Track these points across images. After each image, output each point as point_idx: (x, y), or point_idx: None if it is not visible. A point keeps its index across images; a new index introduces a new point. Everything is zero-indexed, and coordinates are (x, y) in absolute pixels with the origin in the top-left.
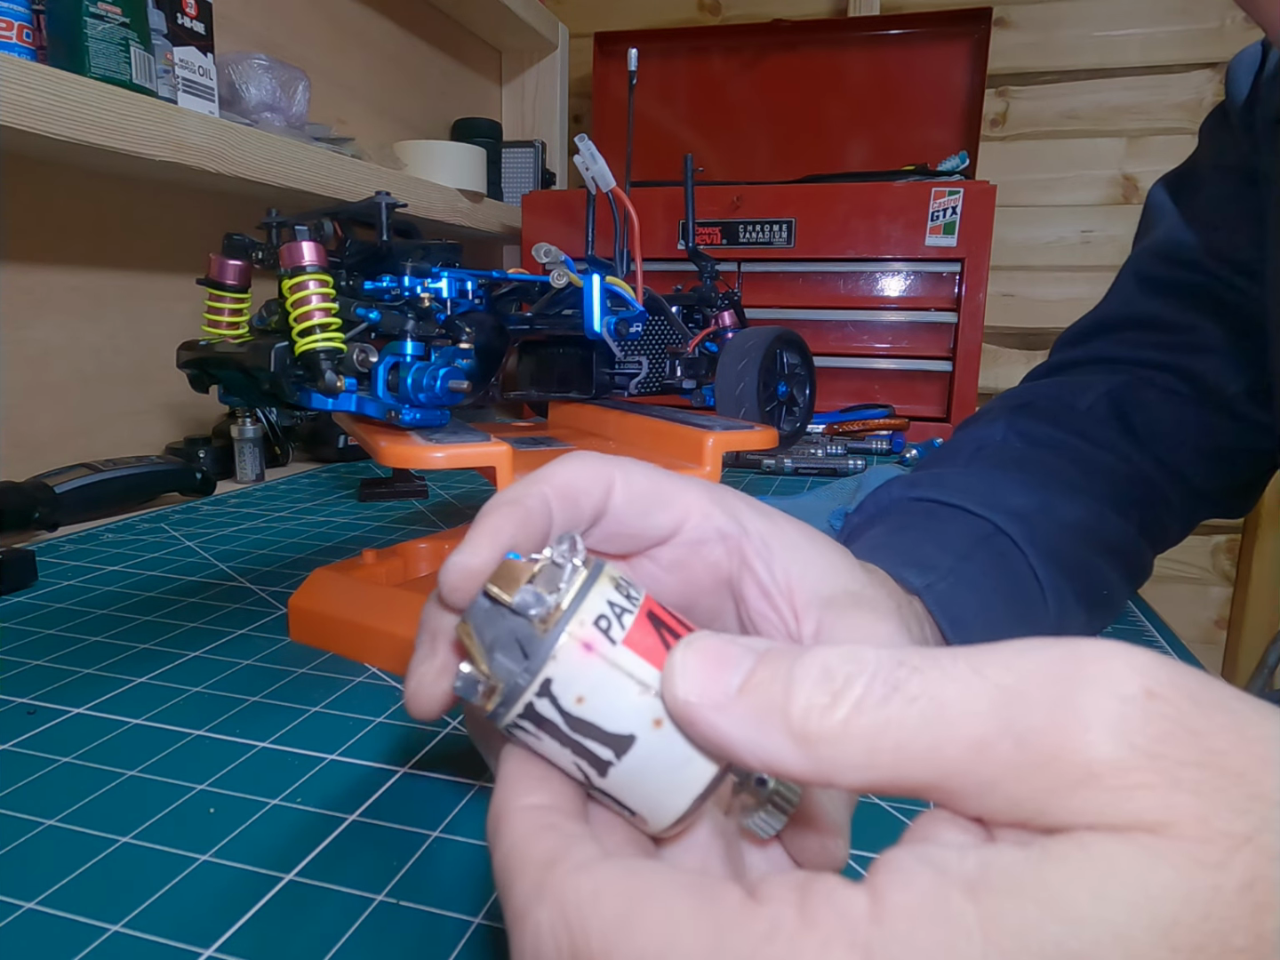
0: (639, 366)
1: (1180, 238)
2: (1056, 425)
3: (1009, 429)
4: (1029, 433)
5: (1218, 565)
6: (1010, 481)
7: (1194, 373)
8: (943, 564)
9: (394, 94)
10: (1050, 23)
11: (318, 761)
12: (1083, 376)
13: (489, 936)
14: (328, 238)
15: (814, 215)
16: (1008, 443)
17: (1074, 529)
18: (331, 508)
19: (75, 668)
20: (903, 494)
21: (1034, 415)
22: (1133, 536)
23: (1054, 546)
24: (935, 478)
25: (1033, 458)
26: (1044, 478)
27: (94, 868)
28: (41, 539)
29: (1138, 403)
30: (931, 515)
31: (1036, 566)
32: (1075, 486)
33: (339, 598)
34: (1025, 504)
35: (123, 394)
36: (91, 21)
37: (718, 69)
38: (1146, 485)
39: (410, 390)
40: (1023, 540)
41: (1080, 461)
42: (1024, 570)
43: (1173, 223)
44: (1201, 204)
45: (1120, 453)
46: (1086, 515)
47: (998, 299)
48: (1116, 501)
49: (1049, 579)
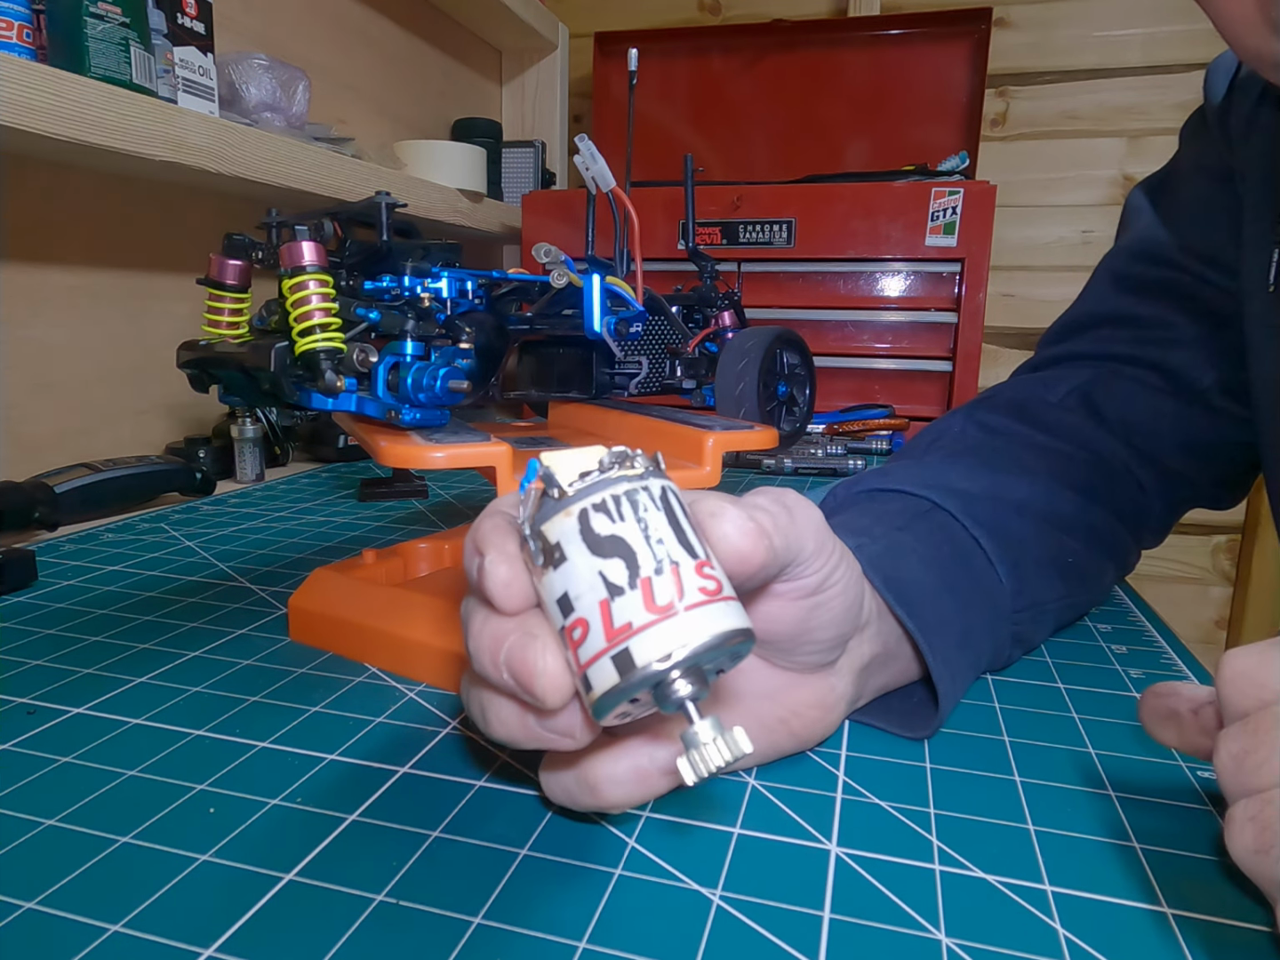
0: (639, 366)
1: (1155, 235)
2: (1017, 417)
3: (966, 420)
4: (986, 423)
5: (1218, 565)
6: (958, 466)
7: (1167, 366)
8: (875, 531)
9: (394, 94)
10: (1050, 23)
11: (318, 761)
12: (1059, 372)
13: (489, 936)
14: (328, 238)
15: (814, 215)
16: (965, 432)
17: (1021, 505)
18: (331, 508)
19: (75, 668)
20: (847, 491)
21: (993, 407)
22: (1099, 514)
23: (997, 519)
24: (880, 472)
25: (986, 444)
26: (995, 462)
27: (94, 868)
28: (41, 539)
29: (1109, 393)
30: (872, 499)
31: (977, 535)
32: (1027, 469)
33: (339, 598)
34: (969, 485)
35: (123, 394)
36: (91, 21)
37: (718, 69)
38: (1115, 470)
39: (410, 390)
40: (960, 513)
41: (1035, 448)
42: (964, 539)
43: (1148, 221)
44: (1180, 204)
45: (1085, 442)
46: (1036, 492)
47: (998, 299)
48: (1074, 483)
49: (993, 546)
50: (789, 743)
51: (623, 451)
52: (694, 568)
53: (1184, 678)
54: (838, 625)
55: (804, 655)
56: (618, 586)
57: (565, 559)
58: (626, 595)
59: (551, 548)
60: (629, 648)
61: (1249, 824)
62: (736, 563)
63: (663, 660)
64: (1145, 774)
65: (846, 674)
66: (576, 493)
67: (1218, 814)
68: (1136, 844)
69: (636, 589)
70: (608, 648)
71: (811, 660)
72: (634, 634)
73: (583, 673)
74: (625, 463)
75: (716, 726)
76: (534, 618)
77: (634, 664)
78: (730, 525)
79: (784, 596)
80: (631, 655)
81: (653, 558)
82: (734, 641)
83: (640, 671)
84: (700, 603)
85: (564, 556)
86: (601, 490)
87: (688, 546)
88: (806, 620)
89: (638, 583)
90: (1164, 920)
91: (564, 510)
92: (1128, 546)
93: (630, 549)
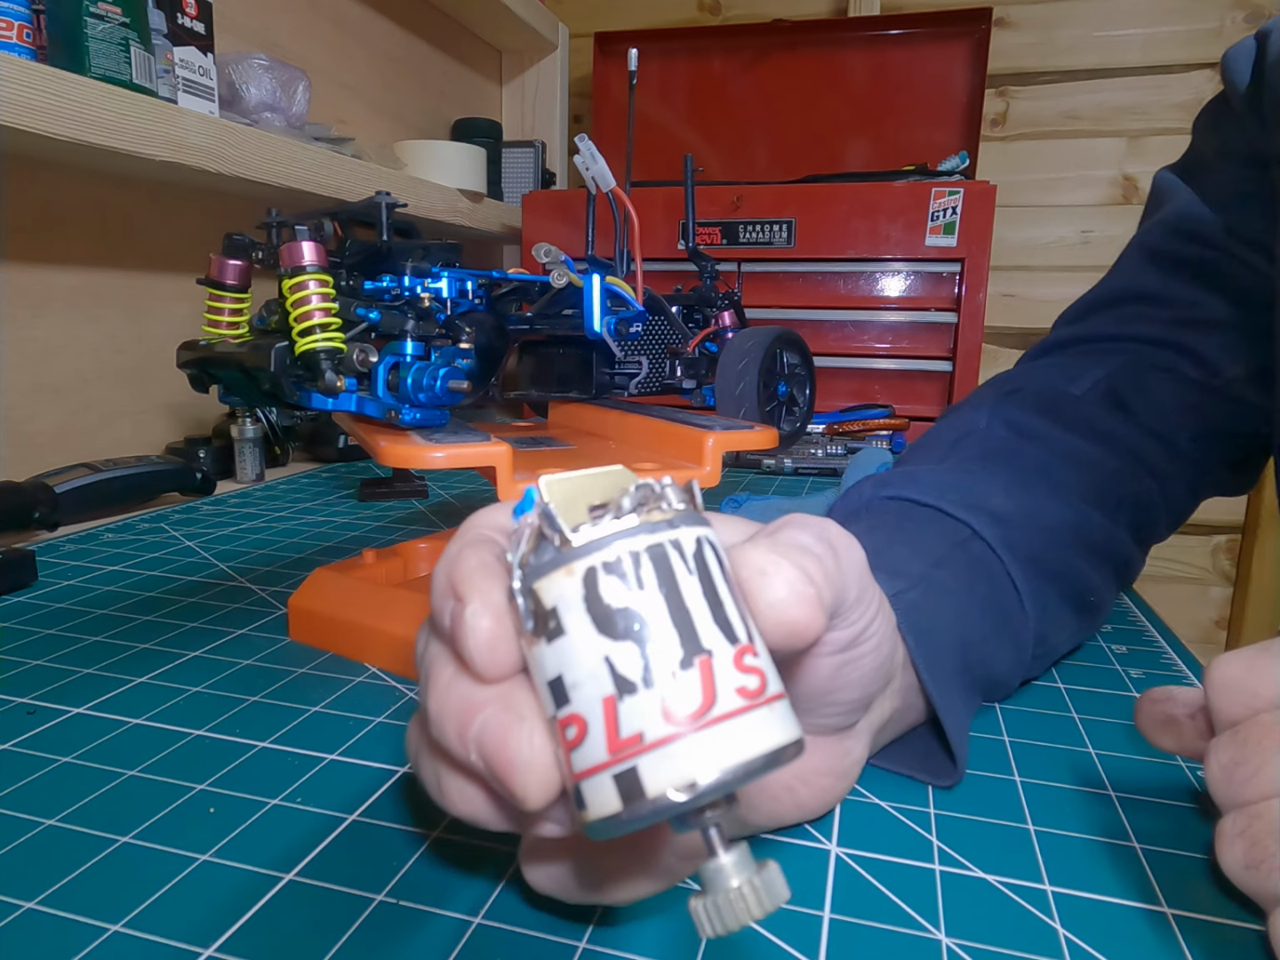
0: (639, 366)
1: (1195, 212)
2: (1045, 415)
3: (993, 416)
4: (1015, 422)
5: (1218, 565)
6: (991, 478)
7: (1196, 350)
8: (914, 570)
9: (394, 94)
10: (1050, 23)
11: (318, 761)
12: (1079, 358)
13: (489, 936)
14: (328, 238)
15: (814, 215)
16: (991, 431)
17: (1056, 532)
18: (331, 508)
19: (75, 668)
20: (874, 493)
21: (1021, 403)
22: (1121, 539)
23: (1034, 552)
24: (909, 475)
25: (1017, 451)
26: (1027, 475)
27: (94, 868)
28: (41, 539)
29: (1136, 386)
30: (906, 515)
31: (1014, 573)
32: (1060, 485)
33: (339, 598)
34: (1005, 505)
35: (123, 394)
36: (91, 21)
37: (718, 69)
38: (1139, 476)
39: (410, 390)
40: (1000, 546)
41: (1067, 457)
42: (1000, 576)
43: (1187, 198)
44: (1212, 187)
45: (1112, 443)
46: (1070, 516)
47: (998, 299)
48: (1104, 500)
49: (1027, 586)
50: (793, 814)
51: (648, 487)
52: (732, 658)
53: (1184, 678)
54: (866, 685)
55: (824, 717)
56: (629, 682)
57: (563, 632)
58: (639, 695)
59: (546, 613)
60: (637, 768)
61: (1239, 839)
62: (785, 637)
63: (682, 790)
64: (1145, 774)
65: (864, 735)
66: (584, 544)
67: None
68: (1136, 844)
69: (653, 688)
70: (609, 762)
71: (831, 723)
72: (645, 750)
73: (575, 783)
74: (651, 502)
75: (746, 863)
76: (519, 691)
77: (643, 791)
78: (784, 589)
79: (811, 650)
80: (640, 779)
81: (678, 645)
82: (778, 762)
83: (650, 803)
84: (738, 710)
85: (561, 628)
86: (617, 543)
87: (725, 626)
88: (834, 679)
89: (655, 680)
90: (1163, 920)
91: (565, 566)
92: (1135, 569)
93: (649, 630)
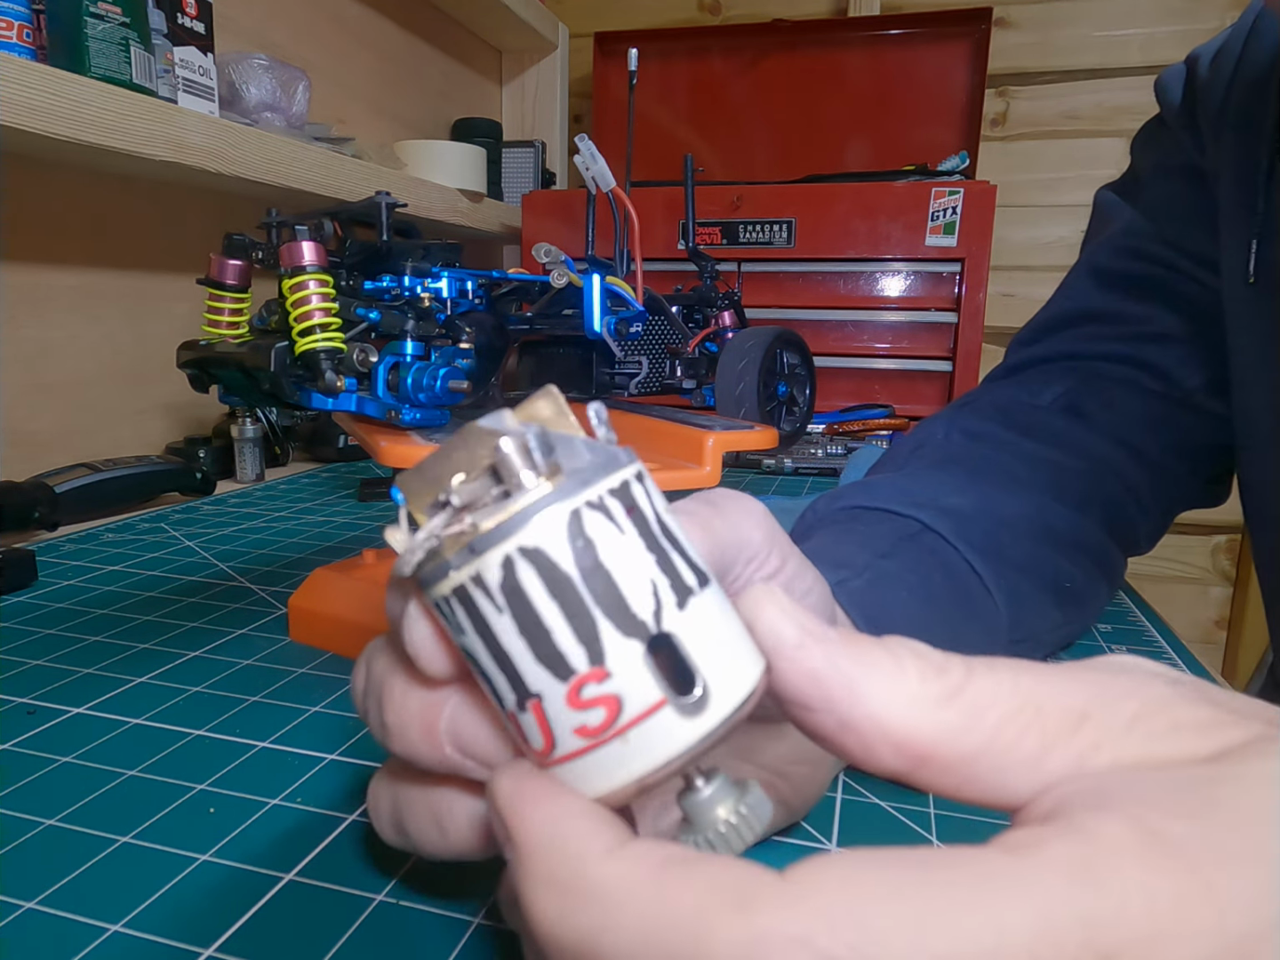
0: (639, 366)
1: (1140, 230)
2: (1004, 423)
3: (950, 425)
4: (972, 430)
5: (1218, 565)
6: (945, 479)
7: (1155, 364)
8: (859, 561)
9: (394, 94)
10: (1050, 23)
11: (318, 761)
12: (1038, 377)
13: (489, 936)
14: (328, 238)
15: (814, 215)
16: (949, 439)
17: (1016, 523)
18: (331, 508)
19: (75, 668)
20: (828, 507)
21: (978, 412)
22: (1091, 530)
23: (994, 542)
24: (863, 485)
25: (973, 453)
26: (982, 475)
27: (94, 868)
28: (41, 539)
29: (1097, 397)
30: (855, 519)
31: (974, 562)
32: (1018, 481)
33: (339, 598)
34: (960, 502)
35: (123, 394)
36: (91, 21)
37: (718, 69)
38: (1108, 479)
39: (410, 390)
40: (953, 536)
41: (1025, 458)
42: (959, 565)
43: (1130, 217)
44: (1152, 203)
45: (1075, 447)
46: (1029, 509)
47: (998, 299)
48: (1066, 495)
49: (990, 573)
50: (779, 814)
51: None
52: (564, 696)
53: None
54: None
55: None
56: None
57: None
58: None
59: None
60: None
61: None
62: None
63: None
64: None
65: None
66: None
67: None
68: None
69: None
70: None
71: None
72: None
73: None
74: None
75: (728, 787)
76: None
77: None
78: None
79: None
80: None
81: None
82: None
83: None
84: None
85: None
86: (433, 589)
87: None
88: None
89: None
90: None
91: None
92: (1119, 564)
93: (486, 671)
